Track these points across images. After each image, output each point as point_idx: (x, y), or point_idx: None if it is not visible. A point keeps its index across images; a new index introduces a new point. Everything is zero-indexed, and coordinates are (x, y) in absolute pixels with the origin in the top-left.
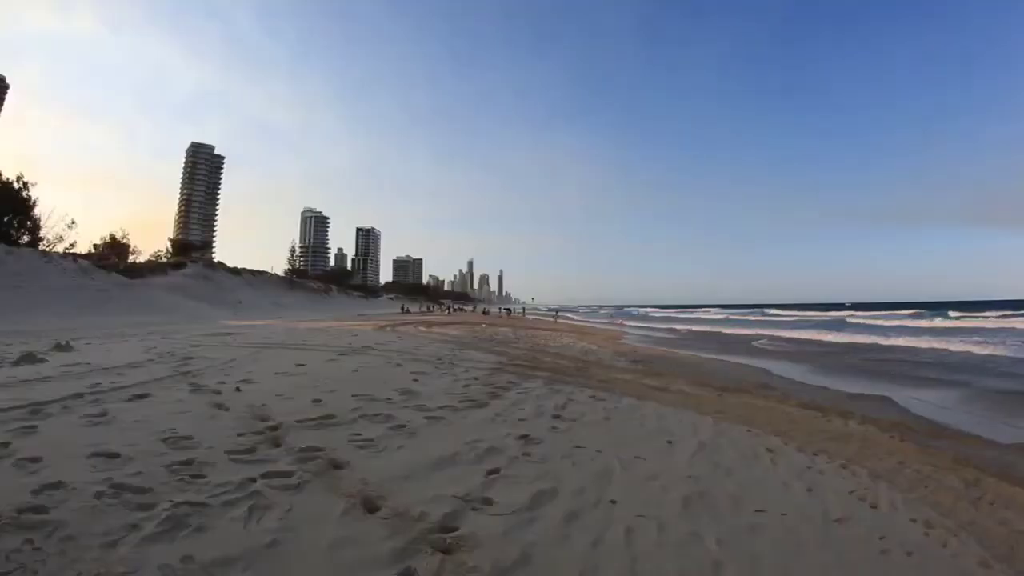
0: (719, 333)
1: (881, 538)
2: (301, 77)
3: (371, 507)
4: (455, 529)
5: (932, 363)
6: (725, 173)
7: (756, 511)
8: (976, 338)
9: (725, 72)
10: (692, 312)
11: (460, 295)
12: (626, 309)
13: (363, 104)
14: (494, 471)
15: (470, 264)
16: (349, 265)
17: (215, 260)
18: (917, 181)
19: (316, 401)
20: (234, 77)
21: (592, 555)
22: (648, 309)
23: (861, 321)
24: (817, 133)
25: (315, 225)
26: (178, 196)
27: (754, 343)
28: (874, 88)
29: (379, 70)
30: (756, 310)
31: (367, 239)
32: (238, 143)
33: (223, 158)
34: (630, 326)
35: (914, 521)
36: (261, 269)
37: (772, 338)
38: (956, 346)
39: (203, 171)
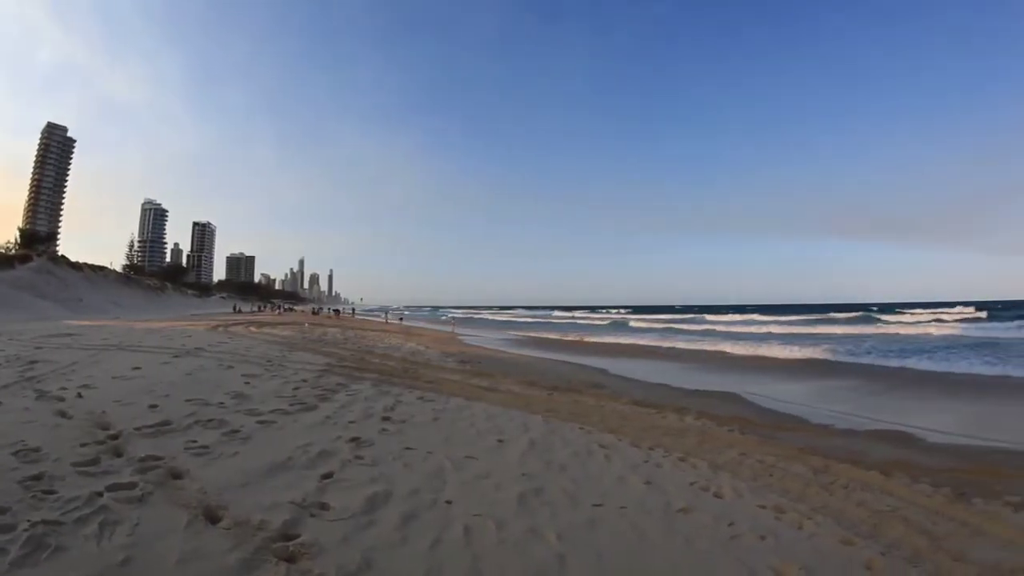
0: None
1: (730, 524)
2: (160, 57)
3: (213, 517)
4: (296, 536)
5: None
6: (571, 179)
7: (594, 505)
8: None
9: (581, 77)
10: (506, 313)
11: (291, 294)
12: (443, 310)
13: (215, 91)
14: (328, 475)
15: (301, 263)
16: (184, 261)
17: (59, 254)
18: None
19: (152, 407)
20: (98, 51)
21: (433, 556)
22: (483, 312)
23: (644, 325)
24: (675, 141)
25: (154, 218)
26: (28, 181)
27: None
28: (736, 96)
29: (235, 57)
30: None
31: (203, 234)
32: (90, 125)
33: (75, 141)
34: (459, 327)
35: (763, 507)
36: (101, 264)
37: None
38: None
39: (55, 155)
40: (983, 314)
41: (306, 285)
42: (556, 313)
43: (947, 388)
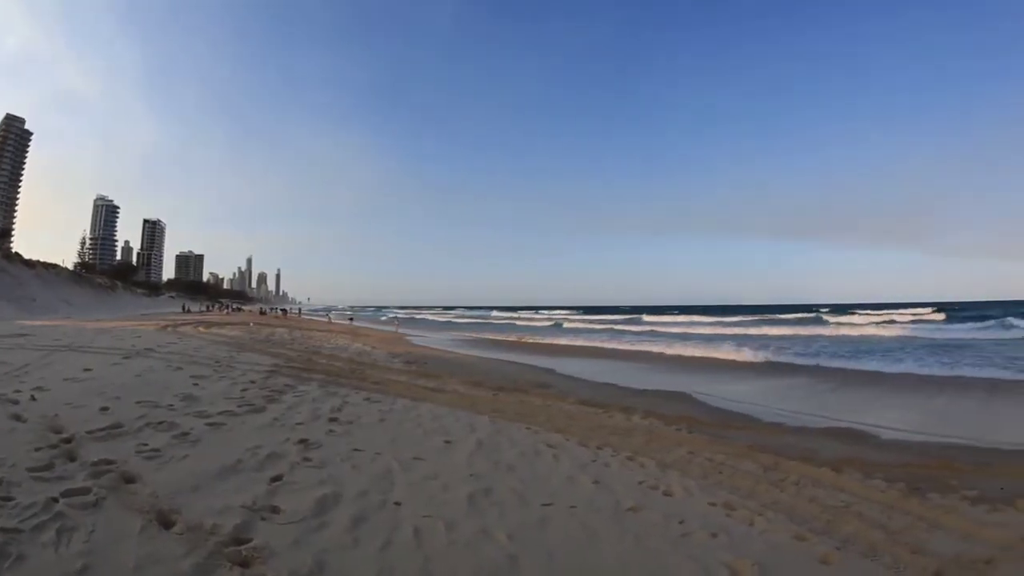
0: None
1: (681, 522)
2: (117, 49)
3: (166, 522)
4: (248, 540)
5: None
6: (516, 178)
7: (543, 505)
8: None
9: (534, 76)
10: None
11: (239, 294)
12: (385, 310)
13: (168, 86)
14: (277, 478)
15: (249, 262)
16: (134, 259)
17: (13, 251)
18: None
19: (104, 409)
20: (59, 40)
21: (384, 558)
22: (425, 312)
23: (588, 326)
24: (624, 140)
25: (106, 215)
26: None
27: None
28: (687, 95)
29: (190, 52)
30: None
31: (153, 232)
32: (46, 116)
33: (31, 134)
34: (402, 327)
35: (713, 505)
36: (53, 262)
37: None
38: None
39: (11, 148)
40: (940, 316)
41: (254, 284)
42: (495, 313)
43: (899, 387)
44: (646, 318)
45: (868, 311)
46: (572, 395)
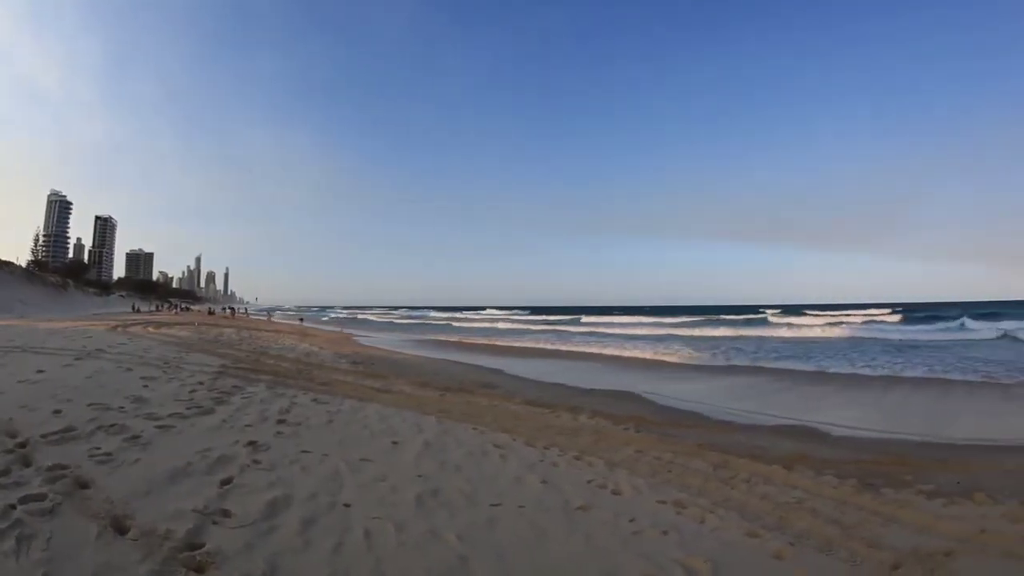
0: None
1: (631, 521)
2: (80, 38)
3: (121, 528)
4: (202, 545)
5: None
6: (462, 179)
7: (492, 505)
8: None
9: (484, 76)
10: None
11: (188, 293)
12: (328, 310)
13: (128, 76)
14: (227, 481)
15: (198, 260)
16: (86, 257)
17: None
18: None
19: (56, 412)
20: (23, 29)
21: (336, 561)
22: (367, 312)
23: (535, 327)
24: (570, 141)
25: (59, 210)
26: None
27: None
28: (633, 97)
29: (145, 46)
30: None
31: (104, 229)
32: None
33: None
34: (345, 328)
35: (663, 503)
36: (7, 260)
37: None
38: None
39: None
40: (896, 317)
41: (202, 284)
42: (432, 313)
43: (849, 386)
44: (589, 319)
45: (819, 312)
46: (518, 395)
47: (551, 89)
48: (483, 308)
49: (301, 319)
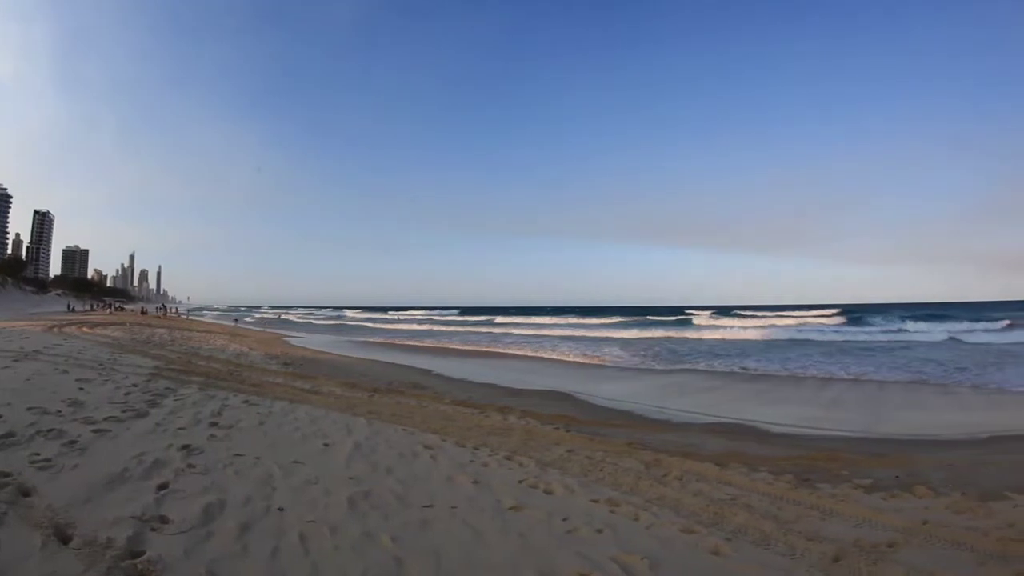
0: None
1: (564, 519)
2: (11, 21)
3: (63, 537)
4: (142, 553)
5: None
6: (402, 180)
7: (424, 506)
8: None
9: (432, 74)
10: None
11: (122, 292)
12: (254, 309)
13: (71, 65)
14: (163, 486)
15: (132, 258)
16: (24, 253)
17: None
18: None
19: None
20: None
21: (275, 565)
22: (290, 312)
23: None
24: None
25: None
26: None
27: None
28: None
29: (89, 32)
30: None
31: (42, 224)
32: None
33: None
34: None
35: (596, 501)
36: None
37: None
38: None
39: None
40: (839, 319)
41: (135, 282)
42: (358, 315)
43: (783, 384)
44: (519, 319)
45: (760, 313)
46: (448, 396)
47: (487, 88)
48: (410, 309)
49: (236, 320)
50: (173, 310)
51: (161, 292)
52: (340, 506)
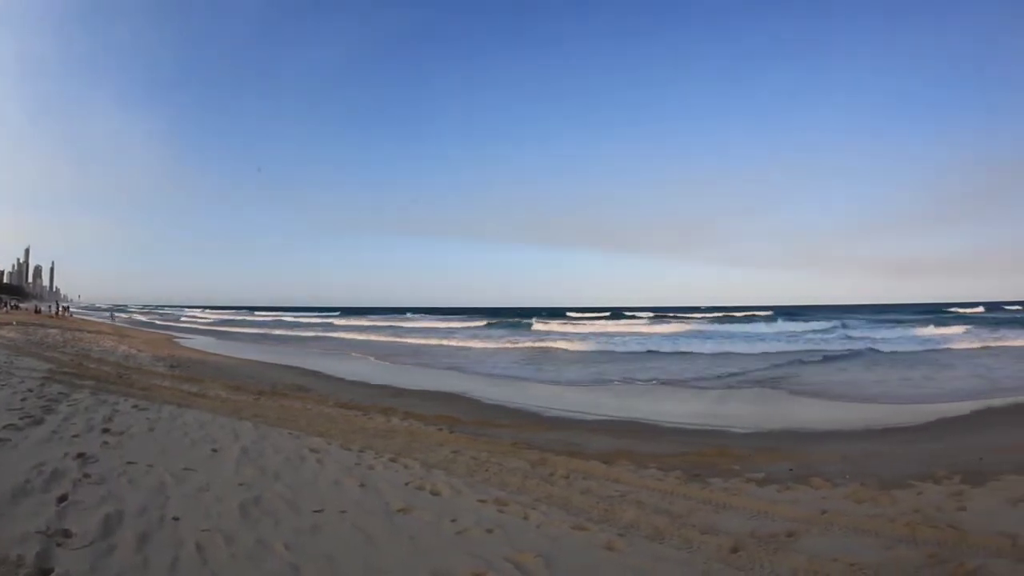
0: None
1: (453, 520)
2: None
3: None
4: (51, 570)
5: None
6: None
7: (314, 511)
8: None
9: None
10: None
11: (17, 289)
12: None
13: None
14: (63, 498)
15: (27, 253)
16: None
17: None
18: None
19: None
20: None
21: None
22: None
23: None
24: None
25: None
26: None
27: None
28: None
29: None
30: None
31: None
32: None
33: None
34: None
35: (484, 502)
36: None
37: None
38: None
39: None
40: (716, 322)
41: (31, 279)
42: (255, 316)
43: (665, 384)
44: (407, 322)
45: (645, 312)
46: (331, 398)
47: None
48: (299, 309)
49: (112, 316)
50: (65, 308)
51: (54, 290)
52: (232, 513)
